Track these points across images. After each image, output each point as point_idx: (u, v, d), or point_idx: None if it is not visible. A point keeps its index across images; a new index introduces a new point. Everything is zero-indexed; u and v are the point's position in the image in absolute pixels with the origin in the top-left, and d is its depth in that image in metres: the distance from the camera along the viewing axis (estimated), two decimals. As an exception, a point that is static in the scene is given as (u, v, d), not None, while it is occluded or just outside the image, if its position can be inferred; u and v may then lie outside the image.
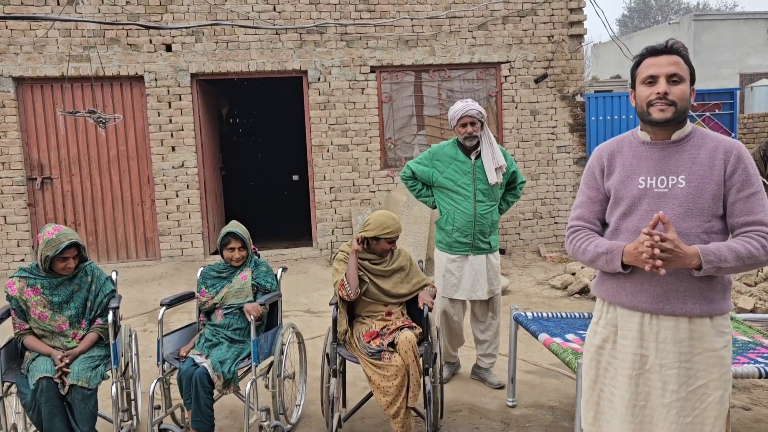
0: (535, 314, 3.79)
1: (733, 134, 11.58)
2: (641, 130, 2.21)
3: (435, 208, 4.21)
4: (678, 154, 2.12)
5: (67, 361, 3.12)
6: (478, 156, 4.02)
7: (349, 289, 3.33)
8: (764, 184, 2.27)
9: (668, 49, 2.10)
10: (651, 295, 2.10)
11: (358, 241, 3.40)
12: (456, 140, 4.10)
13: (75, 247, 3.24)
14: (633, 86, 2.20)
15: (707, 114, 11.45)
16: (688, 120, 2.17)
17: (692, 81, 2.12)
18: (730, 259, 1.98)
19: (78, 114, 6.57)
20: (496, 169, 4.00)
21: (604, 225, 2.31)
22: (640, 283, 2.12)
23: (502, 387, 4.01)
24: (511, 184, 4.23)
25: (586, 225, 2.31)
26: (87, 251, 3.34)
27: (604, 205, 2.28)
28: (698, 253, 1.97)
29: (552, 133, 8.85)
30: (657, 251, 1.94)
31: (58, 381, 3.06)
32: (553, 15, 8.73)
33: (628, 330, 2.16)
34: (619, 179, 2.20)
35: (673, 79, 2.07)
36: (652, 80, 2.10)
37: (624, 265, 2.10)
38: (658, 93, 2.06)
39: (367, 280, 3.45)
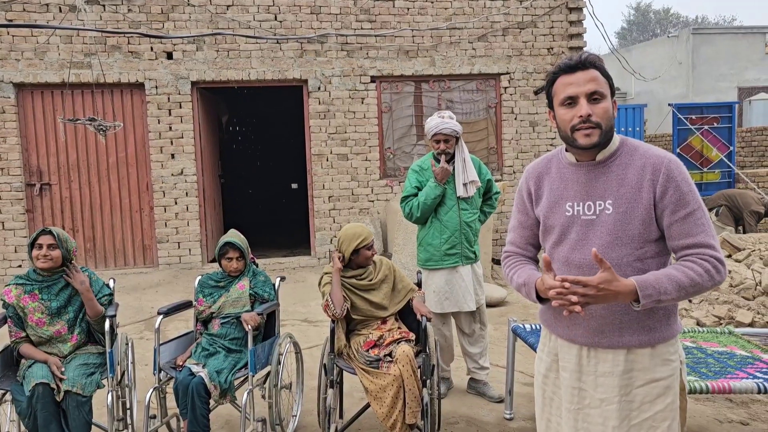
0: (534, 326, 3.78)
1: (731, 147, 11.63)
2: (567, 150, 2.05)
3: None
4: (605, 175, 1.95)
5: (61, 367, 3.12)
6: (454, 167, 4.03)
7: (333, 308, 3.30)
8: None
9: (583, 64, 1.91)
10: (586, 328, 1.97)
11: (339, 259, 3.39)
12: (432, 153, 4.11)
13: (50, 236, 3.23)
14: (550, 106, 2.01)
15: (706, 127, 11.49)
16: (615, 133, 2.00)
17: (612, 93, 1.96)
18: (671, 291, 1.80)
19: (78, 122, 6.57)
20: (465, 184, 4.01)
21: (540, 247, 2.19)
22: (575, 315, 1.93)
23: (501, 400, 3.99)
24: (487, 194, 4.25)
25: (517, 251, 2.20)
26: (67, 244, 3.30)
27: (534, 229, 2.15)
28: (635, 289, 1.79)
29: (551, 145, 8.87)
30: (574, 298, 1.78)
31: (54, 387, 3.04)
32: (552, 27, 8.78)
33: (567, 362, 2.04)
34: (547, 205, 2.06)
35: (593, 97, 1.89)
36: (571, 101, 1.91)
37: (542, 298, 1.97)
38: (581, 116, 1.88)
39: (357, 297, 3.44)
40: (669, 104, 12.03)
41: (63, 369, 3.13)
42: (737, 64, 18.66)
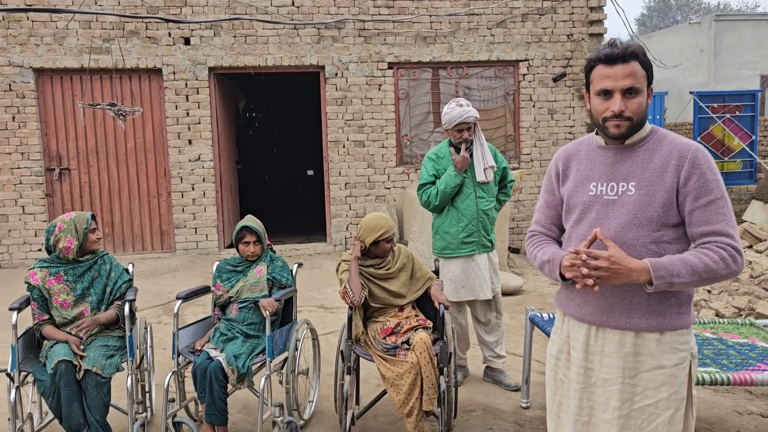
0: (551, 315, 3.75)
1: (753, 136, 11.43)
2: (597, 134, 2.09)
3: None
4: (631, 158, 1.98)
5: (83, 336, 3.20)
6: (472, 154, 3.99)
7: (352, 295, 3.30)
8: None
9: (623, 58, 1.90)
10: (596, 306, 2.01)
11: (360, 248, 3.38)
12: (449, 141, 4.07)
13: (93, 220, 3.41)
14: (587, 88, 2.03)
15: (727, 116, 11.30)
16: (648, 122, 2.03)
17: (650, 82, 1.96)
18: (685, 274, 1.83)
19: (98, 107, 6.61)
20: (485, 169, 3.99)
21: (564, 230, 2.21)
22: (586, 294, 2.01)
23: (518, 389, 3.98)
24: (503, 182, 4.22)
25: (542, 230, 2.25)
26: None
27: (559, 209, 2.20)
28: (648, 268, 1.83)
29: (569, 133, 8.78)
30: (585, 270, 1.84)
31: (76, 364, 3.09)
32: (573, 13, 8.65)
33: (576, 342, 2.08)
34: (572, 185, 2.10)
35: (629, 92, 1.91)
36: (607, 93, 1.94)
37: (564, 276, 2.00)
38: (614, 111, 1.92)
39: (375, 286, 3.44)
40: (690, 92, 11.82)
41: (83, 348, 3.17)
42: (760, 51, 18.28)
